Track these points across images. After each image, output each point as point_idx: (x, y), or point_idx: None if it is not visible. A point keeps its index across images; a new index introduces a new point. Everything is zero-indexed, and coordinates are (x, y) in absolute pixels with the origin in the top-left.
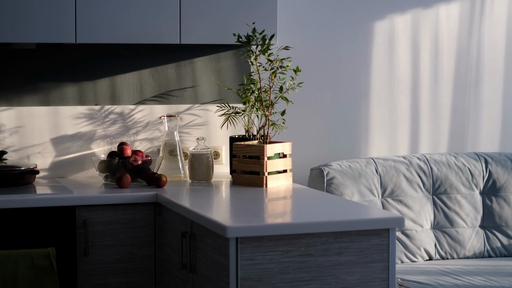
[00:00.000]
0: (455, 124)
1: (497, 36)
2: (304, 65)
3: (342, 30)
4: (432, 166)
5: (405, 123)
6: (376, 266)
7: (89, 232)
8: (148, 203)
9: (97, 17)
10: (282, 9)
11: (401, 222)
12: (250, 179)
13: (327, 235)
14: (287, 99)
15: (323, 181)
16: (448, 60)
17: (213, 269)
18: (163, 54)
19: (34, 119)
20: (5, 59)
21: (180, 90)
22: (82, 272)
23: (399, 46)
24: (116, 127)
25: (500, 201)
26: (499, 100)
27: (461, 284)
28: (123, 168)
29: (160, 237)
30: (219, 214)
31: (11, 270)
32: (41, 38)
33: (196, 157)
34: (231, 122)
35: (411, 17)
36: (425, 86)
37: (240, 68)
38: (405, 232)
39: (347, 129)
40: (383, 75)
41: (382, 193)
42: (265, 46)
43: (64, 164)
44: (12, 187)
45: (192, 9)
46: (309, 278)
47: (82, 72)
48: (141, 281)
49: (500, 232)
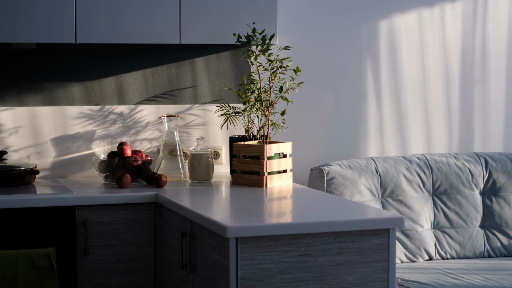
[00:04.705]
0: (456, 124)
1: (500, 35)
2: (304, 65)
3: (343, 30)
4: (432, 166)
5: (405, 123)
6: (376, 266)
7: (89, 232)
8: (148, 203)
9: (97, 17)
10: (282, 9)
11: (401, 222)
12: (250, 179)
13: (327, 235)
14: (287, 99)
15: (323, 181)
16: (448, 60)
17: (213, 269)
18: (163, 54)
19: (34, 119)
20: (5, 59)
21: (180, 90)
22: (82, 272)
23: (400, 46)
24: (116, 127)
25: (500, 201)
26: (501, 100)
27: (461, 284)
28: (123, 168)
29: (160, 237)
30: (219, 214)
31: (11, 270)
32: (41, 38)
33: (196, 157)
34: (231, 122)
35: (412, 17)
36: (425, 86)
37: (240, 68)
38: (405, 232)
39: (347, 129)
40: (383, 75)
41: (382, 193)
42: (265, 46)
43: (64, 164)
44: (12, 187)
45: (192, 9)
46: (309, 278)
47: (82, 72)
48: (141, 281)
49: (500, 232)
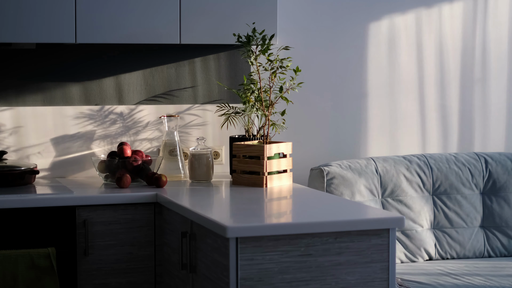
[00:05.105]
0: (456, 124)
1: (501, 35)
2: (304, 65)
3: (343, 30)
4: (432, 166)
5: (406, 123)
6: (376, 266)
7: (89, 232)
8: (148, 203)
9: (97, 17)
10: (282, 9)
11: (401, 222)
12: (250, 179)
13: (327, 235)
14: (287, 99)
15: (323, 181)
16: (448, 60)
17: (213, 269)
18: (163, 54)
19: (34, 119)
20: (5, 59)
21: (180, 90)
22: (82, 272)
23: (400, 46)
24: (116, 127)
25: (500, 201)
26: (503, 100)
27: (461, 284)
28: (123, 168)
29: (160, 237)
30: (219, 214)
31: (11, 270)
32: (41, 38)
33: (196, 157)
34: (231, 122)
35: (412, 17)
36: (425, 86)
37: (240, 68)
38: (405, 232)
39: (347, 129)
40: (383, 75)
41: (382, 193)
42: (265, 46)
43: (64, 164)
44: (12, 187)
45: (192, 9)
46: (309, 278)
47: (82, 72)
48: (141, 281)
49: (500, 232)
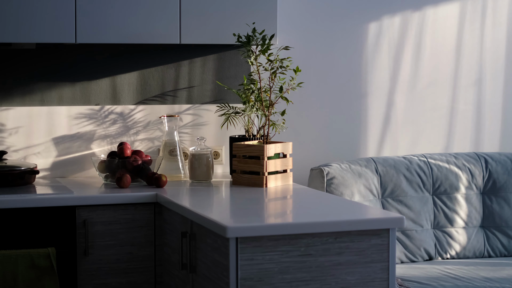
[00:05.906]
0: (456, 124)
1: (499, 36)
2: (304, 65)
3: (343, 31)
4: (432, 166)
5: (405, 123)
6: (376, 266)
7: (89, 232)
8: (148, 203)
9: (97, 17)
10: (282, 9)
11: (401, 222)
12: (250, 179)
13: (327, 235)
14: (287, 99)
15: (323, 181)
16: (448, 60)
17: (213, 269)
18: (163, 54)
19: (34, 119)
20: (5, 59)
21: (180, 90)
22: (82, 272)
23: (399, 47)
24: (116, 127)
25: (500, 201)
26: (499, 100)
27: (461, 284)
28: (123, 168)
29: (160, 237)
30: (219, 214)
31: (11, 270)
32: (41, 38)
33: (196, 157)
34: (231, 122)
35: (411, 18)
36: (424, 86)
37: (240, 68)
38: (405, 232)
39: (347, 129)
40: (383, 75)
41: (382, 193)
42: (265, 46)
43: (64, 164)
44: (12, 187)
45: (192, 9)
46: (309, 278)
47: (82, 72)
48: (141, 281)
49: (500, 232)
